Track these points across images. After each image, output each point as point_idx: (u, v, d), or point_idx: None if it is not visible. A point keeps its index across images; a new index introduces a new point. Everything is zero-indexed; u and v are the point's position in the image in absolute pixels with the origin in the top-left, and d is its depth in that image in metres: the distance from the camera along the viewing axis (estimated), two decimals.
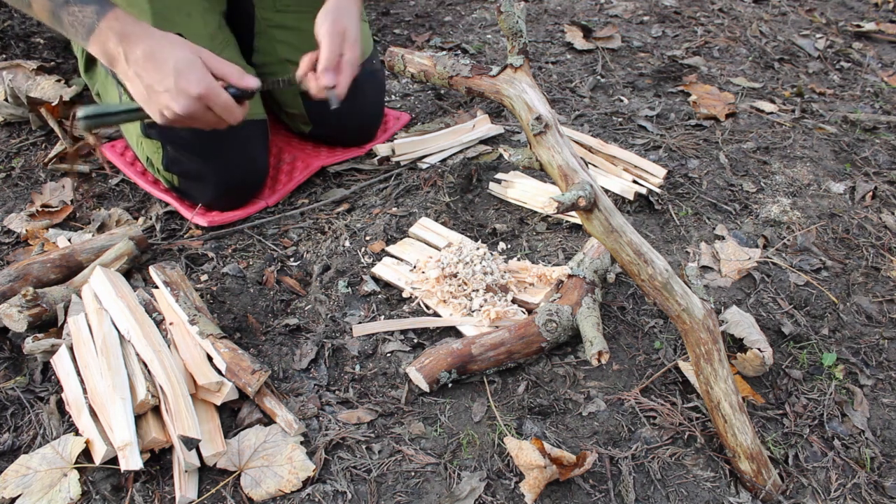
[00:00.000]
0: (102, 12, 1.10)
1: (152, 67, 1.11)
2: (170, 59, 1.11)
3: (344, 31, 1.29)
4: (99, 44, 1.11)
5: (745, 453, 1.00)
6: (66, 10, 1.10)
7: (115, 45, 1.11)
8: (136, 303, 1.18)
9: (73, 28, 1.11)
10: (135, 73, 1.12)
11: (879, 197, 1.66)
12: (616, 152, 1.67)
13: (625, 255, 0.95)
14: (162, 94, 1.12)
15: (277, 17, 1.55)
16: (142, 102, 1.16)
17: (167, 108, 1.13)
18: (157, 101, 1.13)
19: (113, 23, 1.10)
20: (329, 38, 1.27)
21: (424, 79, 1.04)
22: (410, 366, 1.14)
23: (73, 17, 1.10)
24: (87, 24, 1.10)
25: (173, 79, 1.11)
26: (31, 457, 1.00)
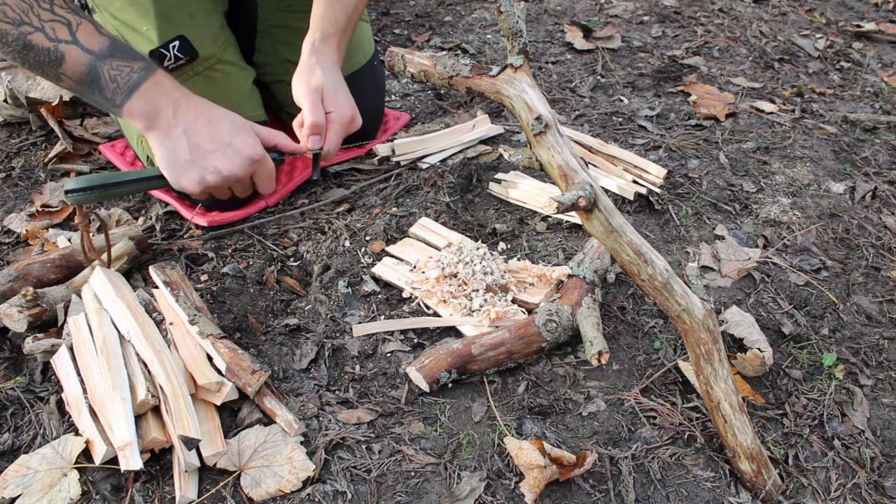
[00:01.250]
0: (151, 68, 1.05)
1: (205, 125, 1.06)
2: (224, 120, 1.07)
3: (320, 87, 1.24)
4: (144, 97, 1.04)
5: (745, 453, 1.00)
6: (110, 63, 1.02)
7: (165, 99, 1.05)
8: (136, 303, 1.18)
9: (114, 83, 1.03)
10: (182, 131, 1.05)
11: (879, 197, 1.66)
12: (616, 152, 1.67)
13: (625, 255, 0.95)
14: (212, 154, 1.06)
15: (280, 16, 1.55)
16: (177, 165, 1.07)
17: (215, 170, 1.06)
18: (203, 162, 1.06)
19: (164, 79, 1.06)
20: (308, 99, 1.22)
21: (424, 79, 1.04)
22: (410, 366, 1.14)
23: (118, 71, 1.03)
24: (134, 77, 1.03)
25: (229, 137, 1.06)
26: (31, 457, 1.00)
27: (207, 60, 1.39)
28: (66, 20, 1.00)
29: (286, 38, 1.56)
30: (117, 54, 1.03)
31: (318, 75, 1.26)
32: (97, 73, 1.02)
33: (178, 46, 1.34)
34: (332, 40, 1.31)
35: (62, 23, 1.00)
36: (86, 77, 1.02)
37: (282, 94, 1.64)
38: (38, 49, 0.99)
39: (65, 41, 1.00)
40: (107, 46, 1.02)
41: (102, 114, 1.81)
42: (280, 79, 1.61)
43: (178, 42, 1.33)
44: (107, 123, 1.78)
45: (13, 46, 0.99)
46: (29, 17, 0.98)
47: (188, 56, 1.35)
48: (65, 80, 1.03)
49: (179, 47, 1.34)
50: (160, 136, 1.06)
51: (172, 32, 1.33)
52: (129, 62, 1.03)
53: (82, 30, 1.01)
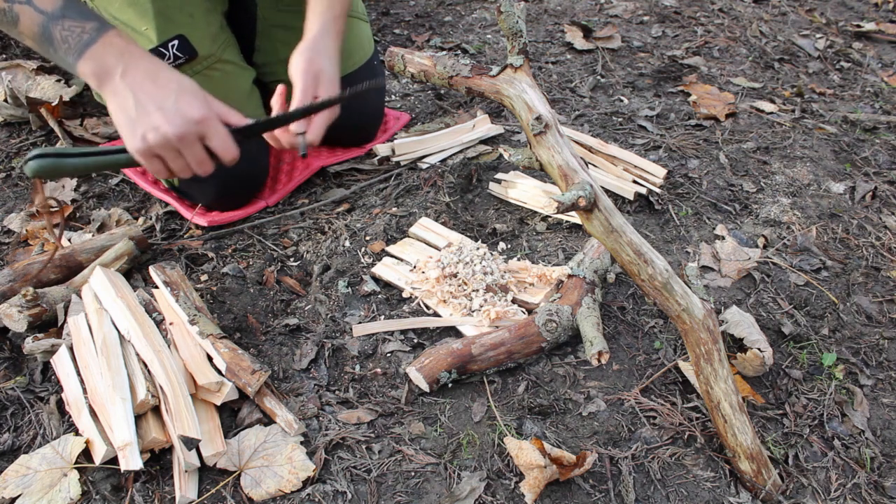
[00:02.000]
0: (104, 29, 1.04)
1: (151, 84, 1.05)
2: (173, 81, 1.06)
3: (318, 71, 1.22)
4: (95, 58, 1.03)
5: (745, 453, 1.00)
6: (61, 23, 1.03)
7: (114, 59, 1.04)
8: (136, 303, 1.18)
9: (66, 44, 1.03)
10: (128, 88, 1.04)
11: (879, 197, 1.66)
12: (616, 152, 1.67)
13: (625, 255, 0.95)
14: (153, 114, 1.04)
15: (279, 16, 1.54)
16: (125, 123, 1.06)
17: (156, 128, 1.04)
18: (146, 121, 1.04)
19: (115, 39, 1.05)
20: (302, 79, 1.20)
21: (424, 79, 1.04)
22: (410, 366, 1.14)
23: (69, 31, 1.03)
24: (85, 39, 1.03)
25: (174, 98, 1.04)
26: (31, 457, 1.00)
27: (207, 60, 1.39)
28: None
29: (285, 37, 1.56)
30: (69, 14, 1.03)
31: (321, 60, 1.24)
32: (49, 34, 1.03)
33: (177, 46, 1.34)
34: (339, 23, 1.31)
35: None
36: (40, 37, 1.04)
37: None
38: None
39: (19, 2, 1.02)
40: (59, 7, 1.03)
41: (103, 114, 1.81)
42: (279, 78, 1.60)
43: (178, 41, 1.33)
44: (107, 123, 1.78)
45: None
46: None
47: (187, 55, 1.35)
48: (26, 40, 1.06)
49: (178, 46, 1.34)
50: (111, 93, 1.06)
51: (171, 32, 1.33)
52: (80, 22, 1.04)
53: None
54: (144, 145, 1.05)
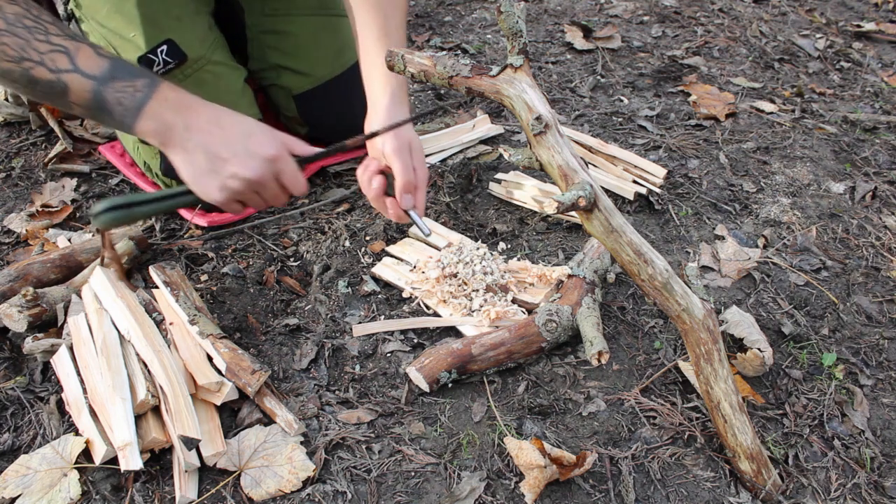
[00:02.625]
0: (154, 84, 1.01)
1: (219, 133, 1.02)
2: (237, 124, 1.04)
3: (409, 143, 1.21)
4: (153, 116, 1.00)
5: (745, 453, 1.00)
6: (112, 86, 0.99)
7: (173, 114, 1.01)
8: (136, 303, 1.18)
9: (121, 105, 0.99)
10: (196, 143, 1.02)
11: (879, 197, 1.66)
12: (616, 152, 1.67)
13: (625, 255, 0.95)
14: (230, 161, 1.01)
15: (267, 21, 1.54)
16: (199, 177, 1.04)
17: (234, 176, 1.02)
18: (223, 171, 1.02)
19: (168, 93, 1.02)
20: (399, 156, 1.18)
21: (424, 79, 1.04)
22: (410, 366, 1.14)
23: (122, 92, 0.99)
24: (139, 97, 0.99)
25: (243, 142, 1.02)
26: (31, 457, 1.00)
27: (197, 62, 1.38)
28: (64, 48, 0.97)
29: (275, 42, 1.55)
30: (119, 75, 0.99)
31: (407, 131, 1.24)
32: (102, 98, 0.99)
33: (167, 51, 1.33)
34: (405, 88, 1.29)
35: (60, 51, 0.97)
36: (92, 103, 0.99)
37: (277, 97, 1.63)
38: (42, 82, 0.97)
39: (66, 70, 0.97)
40: (107, 69, 0.99)
41: None
42: (272, 83, 1.60)
43: (166, 46, 1.32)
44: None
45: (20, 82, 0.97)
46: (28, 52, 0.95)
47: (177, 59, 1.34)
48: (75, 108, 1.01)
49: (167, 51, 1.33)
50: (177, 151, 1.04)
51: (159, 37, 1.32)
52: (131, 81, 1.00)
53: (81, 55, 0.98)
54: (226, 195, 1.04)
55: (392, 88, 1.26)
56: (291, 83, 1.57)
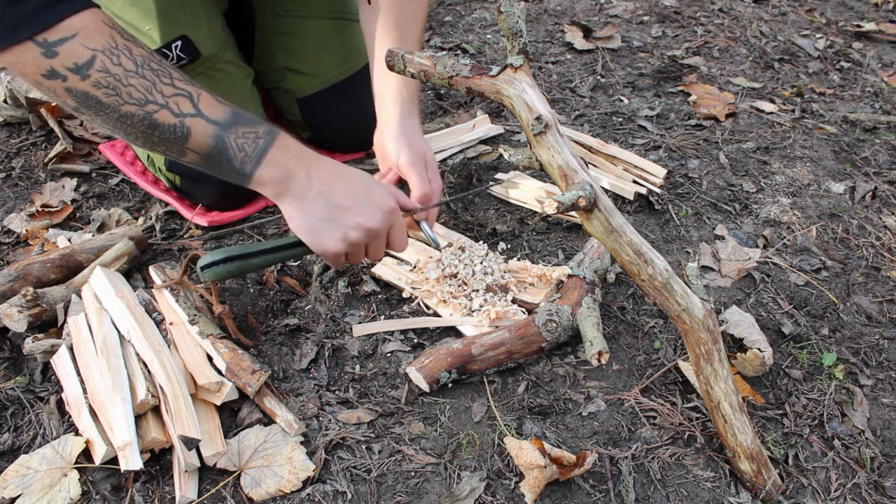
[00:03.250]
0: (274, 132, 1.00)
1: (339, 183, 1.02)
2: (355, 175, 1.04)
3: (423, 156, 1.23)
4: (275, 163, 0.99)
5: (745, 453, 1.00)
6: (235, 132, 0.97)
7: (295, 162, 1.00)
8: (136, 303, 1.18)
9: (242, 152, 0.97)
10: (318, 193, 1.01)
11: (879, 197, 1.66)
12: (616, 152, 1.67)
13: (625, 255, 0.95)
14: (351, 211, 1.01)
15: (277, 21, 1.54)
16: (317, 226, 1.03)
17: (357, 226, 1.02)
18: (344, 220, 1.02)
19: (288, 140, 1.01)
20: (414, 168, 1.20)
21: (424, 79, 1.04)
22: (410, 366, 1.14)
23: (244, 138, 0.97)
24: (262, 144, 0.98)
25: (366, 193, 1.03)
26: (31, 457, 1.00)
27: (210, 60, 1.39)
28: (188, 93, 0.96)
29: (283, 44, 1.55)
30: (241, 122, 0.98)
31: (419, 143, 1.26)
32: (224, 144, 0.97)
33: (181, 46, 1.33)
34: (416, 98, 1.31)
35: (184, 96, 0.95)
36: (213, 149, 0.97)
37: (280, 100, 1.63)
38: (163, 126, 0.94)
39: (189, 115, 0.95)
40: (230, 115, 0.98)
41: None
42: (277, 86, 1.60)
43: (181, 42, 1.33)
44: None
45: (138, 127, 0.94)
46: (153, 95, 0.93)
47: (191, 56, 1.35)
48: (189, 155, 0.98)
49: (182, 47, 1.33)
50: (295, 200, 1.02)
51: (175, 32, 1.32)
52: (253, 128, 0.99)
53: (203, 101, 0.96)
54: (344, 245, 1.04)
55: (402, 99, 1.27)
56: (296, 86, 1.57)
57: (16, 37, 0.85)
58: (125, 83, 0.91)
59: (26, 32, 0.85)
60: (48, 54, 0.87)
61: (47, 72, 0.88)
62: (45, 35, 0.86)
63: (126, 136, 0.96)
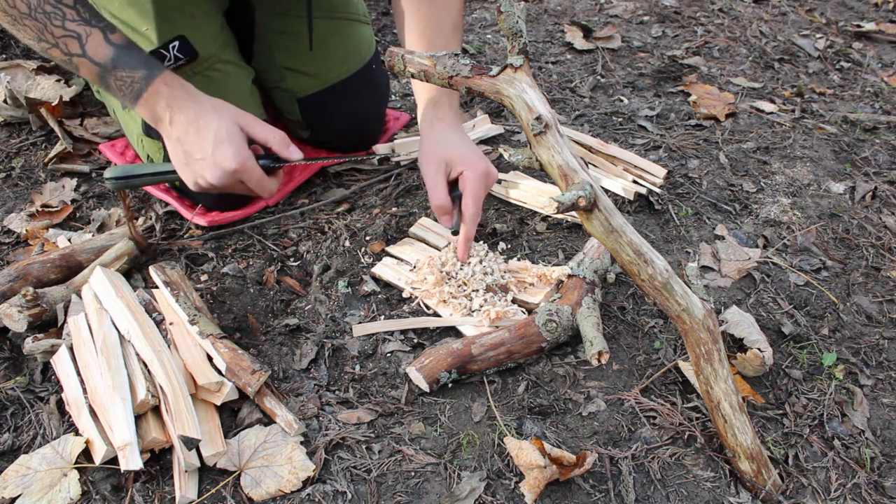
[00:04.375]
0: (151, 77, 1.11)
1: (194, 134, 1.12)
2: (211, 129, 1.12)
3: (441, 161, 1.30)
4: (146, 107, 1.12)
5: (745, 453, 1.00)
6: (114, 74, 1.10)
7: (162, 108, 1.12)
8: (136, 303, 1.18)
9: (121, 92, 1.11)
10: (177, 138, 1.14)
11: (879, 197, 1.66)
12: (616, 152, 1.67)
13: (625, 255, 0.95)
14: (199, 162, 1.13)
15: (276, 21, 1.54)
16: (178, 167, 1.17)
17: (202, 177, 1.15)
18: (193, 169, 1.15)
19: (161, 87, 1.11)
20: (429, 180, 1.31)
21: (424, 79, 1.04)
22: (410, 366, 1.14)
23: (121, 81, 1.10)
24: (136, 88, 1.10)
25: (211, 148, 1.12)
26: (31, 457, 1.00)
27: (207, 60, 1.39)
28: (77, 34, 1.07)
29: (283, 43, 1.55)
30: (120, 64, 1.09)
31: (439, 148, 1.31)
32: (107, 83, 1.11)
33: (178, 47, 1.33)
34: (443, 101, 1.36)
35: (73, 37, 1.07)
36: (100, 83, 1.12)
37: (280, 99, 1.63)
38: (58, 60, 1.09)
39: (76, 55, 1.08)
40: (111, 58, 1.09)
41: (103, 113, 1.81)
42: (276, 85, 1.60)
43: (178, 42, 1.33)
44: (107, 123, 1.78)
45: (42, 54, 1.10)
46: (45, 35, 1.06)
47: (188, 56, 1.35)
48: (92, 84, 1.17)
49: (179, 48, 1.33)
50: (165, 138, 1.16)
51: (172, 33, 1.32)
52: (131, 72, 1.10)
53: (91, 42, 1.08)
54: (198, 187, 1.17)
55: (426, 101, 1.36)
56: (296, 86, 1.57)
57: None
58: (21, 23, 1.06)
59: None
60: None
61: None
62: None
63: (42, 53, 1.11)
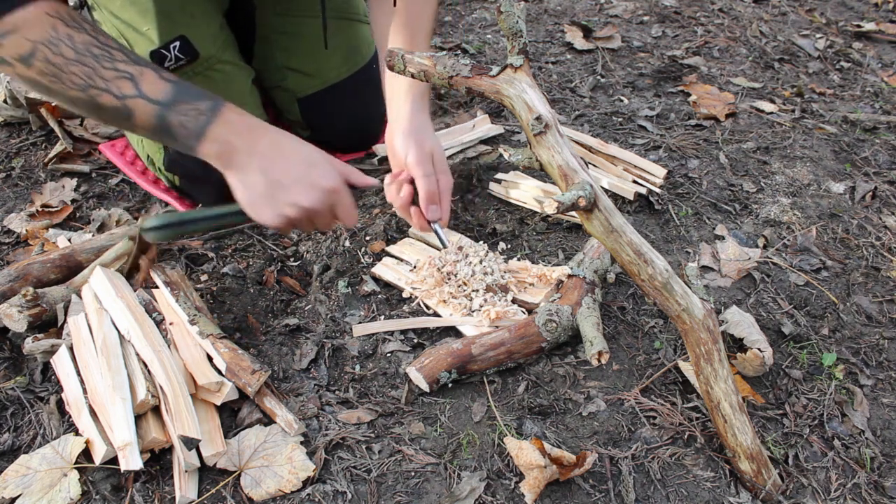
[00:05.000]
0: (217, 107, 1.02)
1: (281, 159, 1.03)
2: (299, 152, 1.05)
3: (432, 153, 1.25)
4: (215, 141, 1.01)
5: (745, 453, 1.00)
6: (176, 109, 1.00)
7: (236, 137, 1.02)
8: (136, 303, 1.18)
9: (184, 128, 1.00)
10: (258, 167, 1.02)
11: (879, 197, 1.66)
12: (616, 152, 1.67)
13: (625, 255, 0.95)
14: (290, 189, 1.03)
15: (277, 21, 1.54)
16: (256, 200, 1.05)
17: (293, 203, 1.04)
18: (283, 197, 1.04)
19: (231, 115, 1.03)
20: (420, 167, 1.22)
21: (424, 79, 1.04)
22: (410, 366, 1.14)
23: (185, 115, 1.00)
24: (202, 121, 1.00)
25: (305, 170, 1.04)
26: (31, 457, 1.00)
27: (208, 61, 1.38)
28: (129, 74, 0.98)
29: (284, 43, 1.55)
30: (182, 98, 1.00)
31: (430, 140, 1.27)
32: (167, 122, 1.00)
33: (179, 47, 1.33)
34: (426, 96, 1.33)
35: (126, 78, 0.98)
36: (157, 127, 1.01)
37: (280, 99, 1.63)
38: (107, 108, 0.99)
39: (130, 96, 0.98)
40: (171, 93, 1.00)
41: None
42: (277, 84, 1.60)
43: (179, 43, 1.33)
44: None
45: (86, 108, 1.00)
46: (94, 80, 0.97)
47: (189, 57, 1.35)
48: (139, 131, 1.03)
49: (180, 48, 1.33)
50: (237, 174, 1.04)
51: (173, 33, 1.32)
52: (194, 104, 1.01)
53: (145, 80, 0.99)
54: (282, 220, 1.06)
55: (412, 97, 1.29)
56: (296, 86, 1.57)
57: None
58: (66, 71, 0.96)
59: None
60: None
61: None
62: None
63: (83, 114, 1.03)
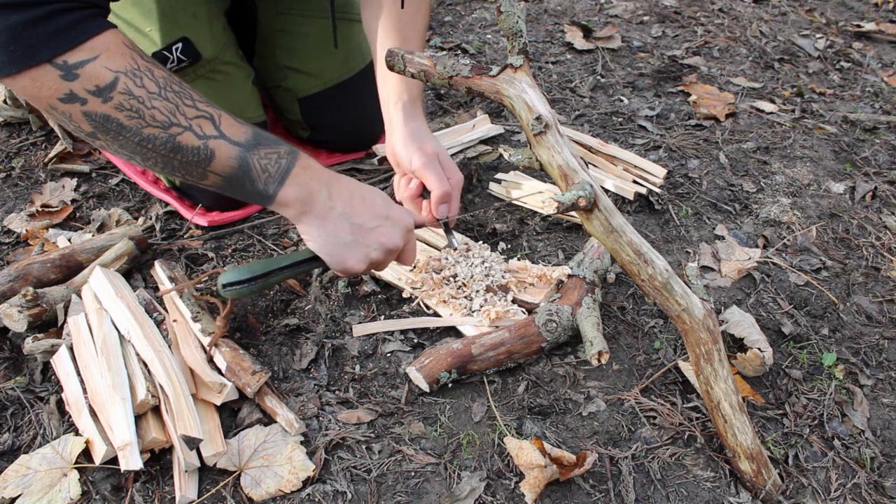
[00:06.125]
0: (296, 152, 0.99)
1: (361, 203, 1.03)
2: (375, 194, 1.06)
3: (436, 154, 1.26)
4: (298, 186, 0.98)
5: (745, 453, 1.00)
6: (258, 153, 0.95)
7: (317, 182, 1.00)
8: (136, 303, 1.18)
9: (266, 173, 0.96)
10: (340, 213, 1.01)
11: (879, 197, 1.66)
12: (616, 152, 1.67)
13: (625, 255, 0.95)
14: (374, 231, 1.03)
15: (279, 20, 1.54)
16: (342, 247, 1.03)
17: (378, 245, 1.04)
18: (367, 240, 1.03)
19: (309, 161, 1.01)
20: (430, 170, 1.24)
21: (424, 79, 1.04)
22: (410, 366, 1.14)
23: (267, 160, 0.96)
24: (284, 164, 0.97)
25: (385, 211, 1.05)
26: (31, 457, 1.00)
27: (210, 63, 1.38)
28: (210, 114, 0.93)
29: (284, 42, 1.55)
30: (263, 142, 0.96)
31: (431, 142, 1.28)
32: (248, 165, 0.95)
33: (181, 49, 1.32)
34: (418, 100, 1.33)
35: (206, 118, 0.92)
36: (237, 170, 0.95)
37: (280, 99, 1.63)
38: (186, 149, 0.91)
39: (213, 137, 0.92)
40: (251, 136, 0.96)
41: None
42: (277, 84, 1.60)
43: (182, 44, 1.32)
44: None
45: (160, 151, 0.91)
46: (176, 118, 0.90)
47: (191, 58, 1.34)
48: (210, 178, 0.96)
49: (182, 49, 1.32)
50: (317, 220, 1.01)
51: (176, 34, 1.31)
52: (275, 148, 0.97)
53: (224, 122, 0.94)
54: (366, 264, 1.06)
55: (403, 103, 1.30)
56: (297, 85, 1.57)
57: (33, 59, 0.81)
58: (148, 105, 0.87)
59: (45, 55, 0.81)
60: (67, 77, 0.83)
61: (65, 95, 0.84)
62: (65, 57, 0.82)
63: (144, 160, 0.93)
